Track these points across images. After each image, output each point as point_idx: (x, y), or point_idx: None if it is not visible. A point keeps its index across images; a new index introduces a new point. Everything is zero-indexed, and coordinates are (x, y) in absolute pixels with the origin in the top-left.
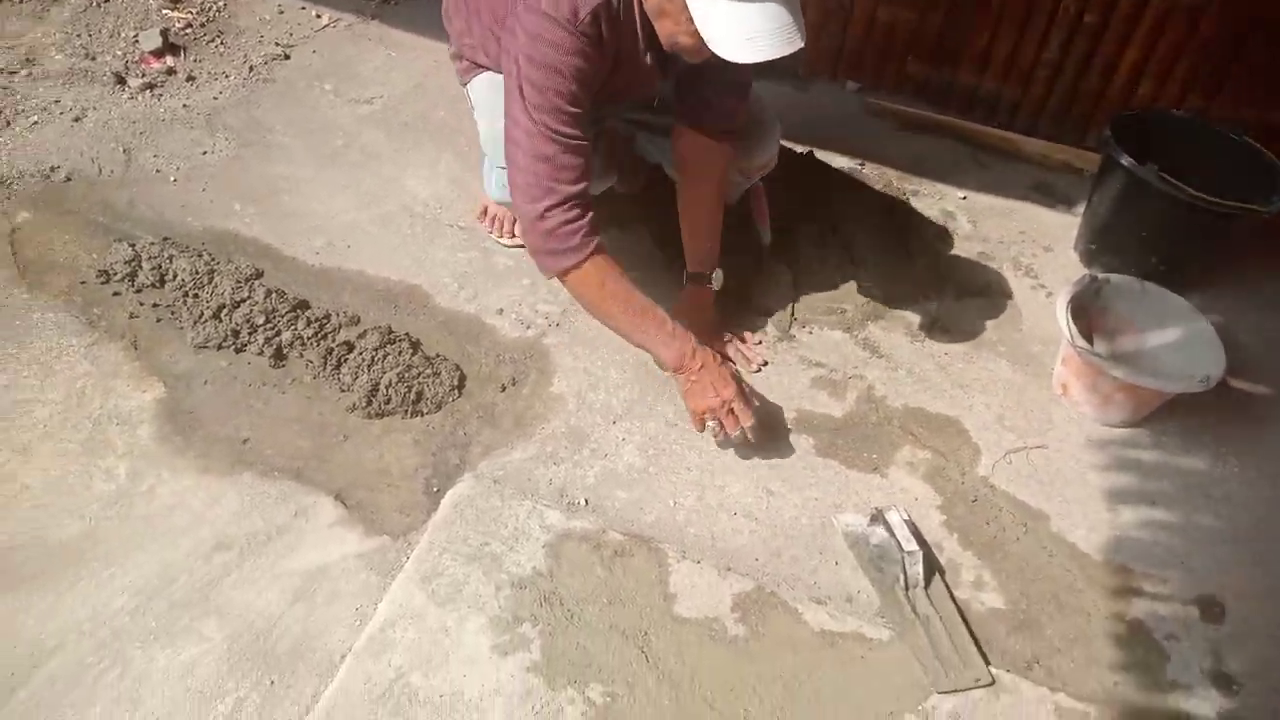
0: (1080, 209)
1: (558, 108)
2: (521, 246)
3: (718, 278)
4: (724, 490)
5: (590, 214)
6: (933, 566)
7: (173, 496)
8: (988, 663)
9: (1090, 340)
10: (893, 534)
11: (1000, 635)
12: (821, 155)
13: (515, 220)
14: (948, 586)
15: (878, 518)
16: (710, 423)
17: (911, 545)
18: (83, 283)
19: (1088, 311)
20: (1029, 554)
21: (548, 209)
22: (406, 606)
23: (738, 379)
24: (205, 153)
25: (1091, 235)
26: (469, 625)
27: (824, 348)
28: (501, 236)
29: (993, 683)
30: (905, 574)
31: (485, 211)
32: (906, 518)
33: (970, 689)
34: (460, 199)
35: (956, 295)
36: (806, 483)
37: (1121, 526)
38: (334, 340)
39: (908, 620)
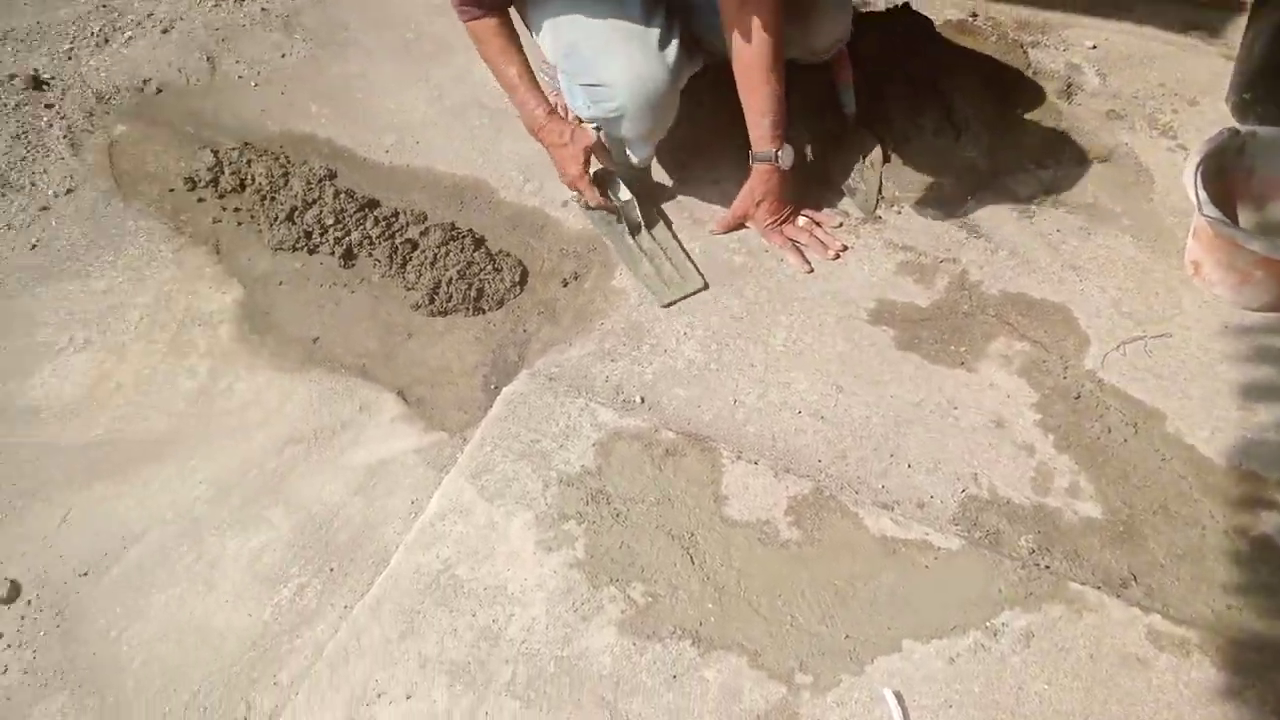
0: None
1: None
2: None
3: (786, 155)
4: (789, 387)
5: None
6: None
7: (249, 393)
8: (703, 276)
9: (1233, 208)
10: (610, 192)
11: (1094, 548)
12: (924, 7)
13: None
14: (668, 224)
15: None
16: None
17: (626, 195)
18: (171, 190)
19: (1229, 174)
20: (1137, 458)
21: None
22: (456, 501)
23: (578, 143)
24: (284, 55)
25: (1246, 82)
26: (515, 521)
27: (915, 229)
28: None
29: (706, 287)
30: (626, 222)
31: None
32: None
33: (688, 296)
34: None
35: (1076, 162)
36: (882, 379)
37: (1255, 428)
38: (400, 239)
39: (634, 256)
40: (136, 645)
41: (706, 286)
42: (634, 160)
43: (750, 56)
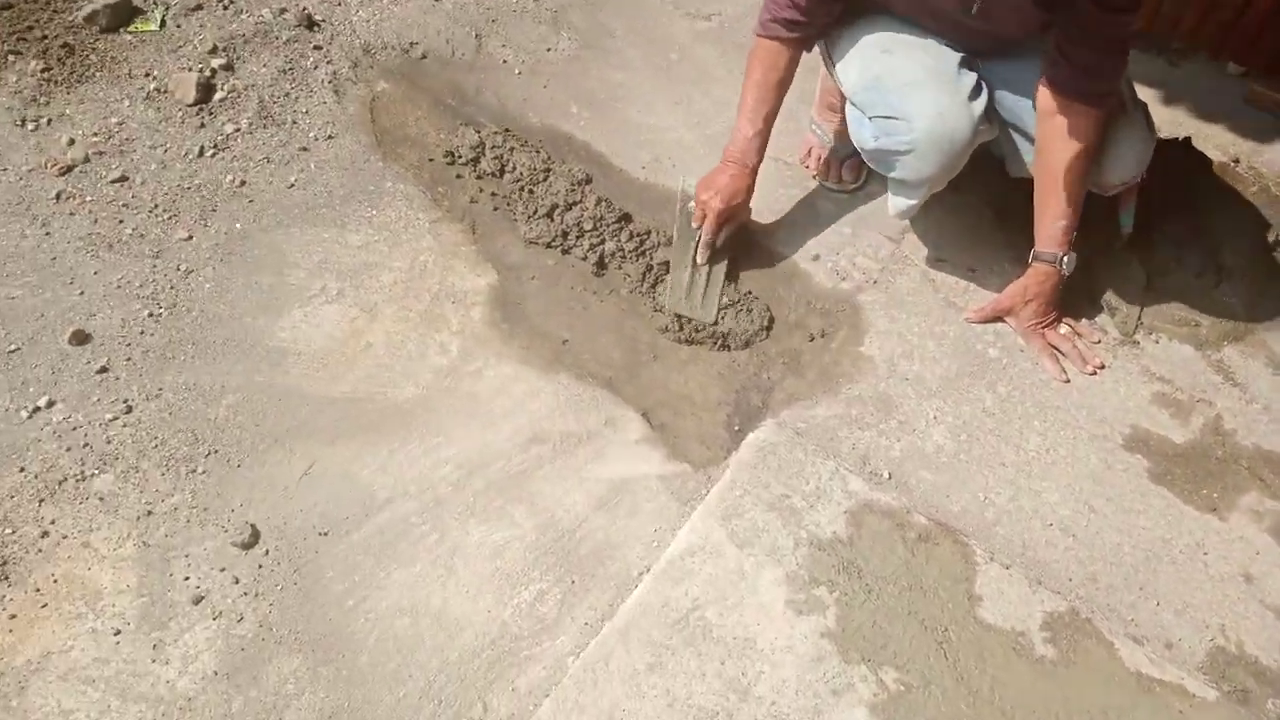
0: None
1: None
2: (844, 192)
3: (1070, 261)
4: (1040, 496)
5: (785, 17)
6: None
7: (497, 381)
8: (719, 318)
9: None
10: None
11: None
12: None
13: (841, 163)
14: (732, 272)
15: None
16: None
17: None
18: (430, 160)
19: None
20: None
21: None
22: (706, 540)
23: (734, 200)
24: (549, 49)
25: None
26: (765, 574)
27: (1170, 361)
28: (826, 179)
29: (716, 323)
30: (699, 242)
31: (809, 153)
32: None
33: (692, 320)
34: (786, 133)
35: None
36: (1134, 508)
37: None
38: (652, 259)
39: (685, 262)
40: (373, 619)
41: (715, 323)
42: (892, 211)
43: (1060, 162)
